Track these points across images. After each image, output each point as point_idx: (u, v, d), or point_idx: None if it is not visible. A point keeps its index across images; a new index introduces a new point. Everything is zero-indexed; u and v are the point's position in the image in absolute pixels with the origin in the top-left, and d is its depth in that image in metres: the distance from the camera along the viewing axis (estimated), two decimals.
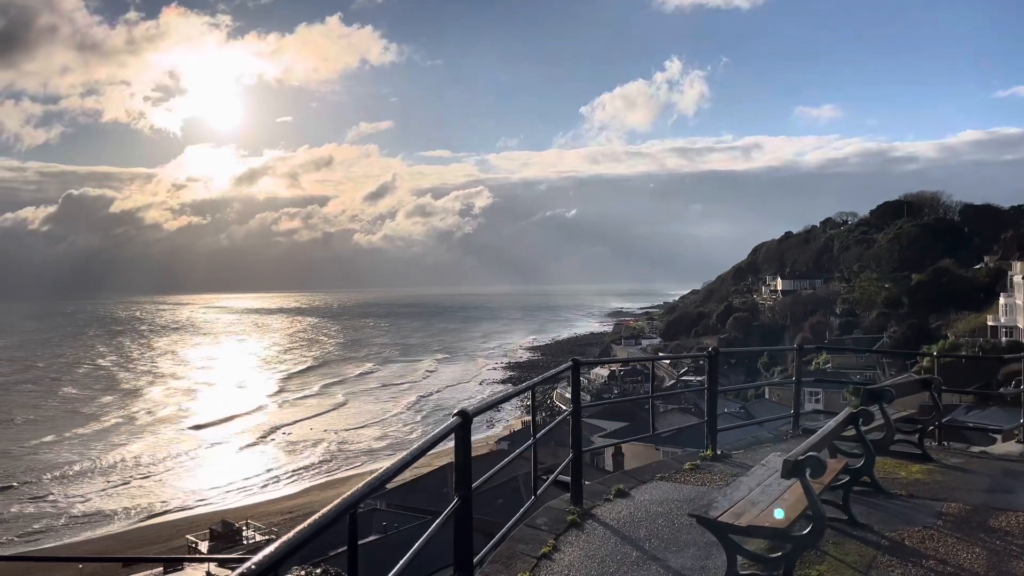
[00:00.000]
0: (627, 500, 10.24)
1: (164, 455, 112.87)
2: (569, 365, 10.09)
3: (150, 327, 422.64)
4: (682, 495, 10.51)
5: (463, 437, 5.87)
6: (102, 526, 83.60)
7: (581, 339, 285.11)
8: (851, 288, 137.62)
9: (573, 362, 10.12)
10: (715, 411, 12.28)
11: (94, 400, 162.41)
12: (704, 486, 10.88)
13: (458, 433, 5.75)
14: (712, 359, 12.14)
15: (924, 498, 10.36)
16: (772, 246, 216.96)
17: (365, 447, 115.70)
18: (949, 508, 9.98)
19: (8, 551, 75.64)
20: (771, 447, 12.20)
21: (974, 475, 11.61)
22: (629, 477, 11.37)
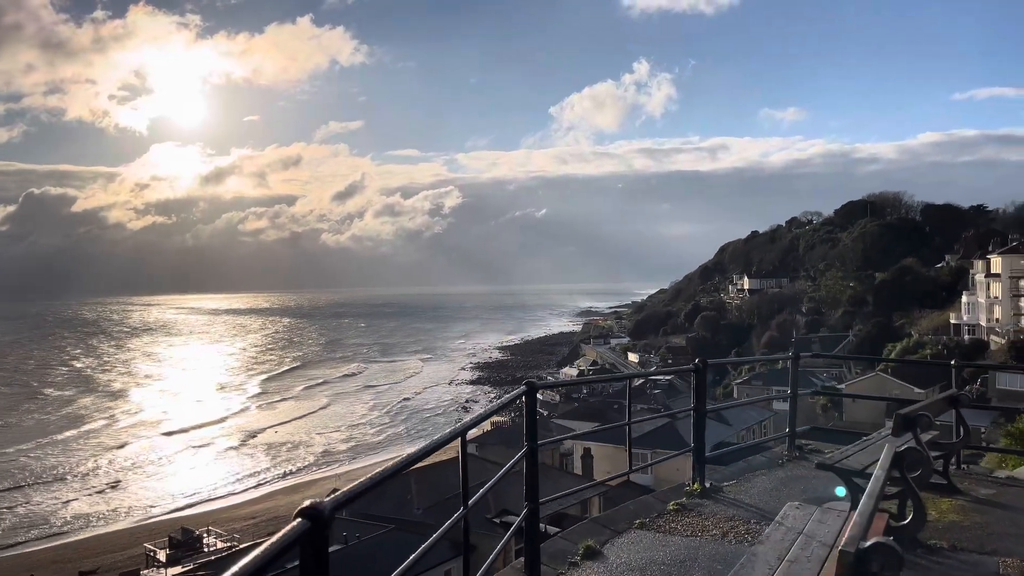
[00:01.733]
0: (599, 563, 7.87)
1: (127, 460, 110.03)
2: (522, 390, 7.55)
3: (116, 328, 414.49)
4: (669, 554, 8.14)
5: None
6: (59, 535, 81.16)
7: (551, 339, 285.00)
8: (817, 287, 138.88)
9: (527, 386, 7.48)
10: (703, 436, 9.81)
11: (60, 404, 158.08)
12: (696, 537, 8.60)
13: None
14: (699, 373, 9.82)
15: (971, 550, 8.23)
16: (738, 245, 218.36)
17: (332, 450, 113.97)
18: (1009, 567, 7.99)
19: None
20: (766, 474, 10.40)
21: (1017, 512, 9.51)
22: (601, 527, 9.00)
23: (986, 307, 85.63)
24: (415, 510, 33.06)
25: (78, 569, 67.15)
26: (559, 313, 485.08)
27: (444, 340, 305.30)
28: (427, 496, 34.05)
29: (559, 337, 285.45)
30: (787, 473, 10.33)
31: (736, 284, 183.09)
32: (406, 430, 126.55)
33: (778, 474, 10.52)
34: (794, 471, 10.52)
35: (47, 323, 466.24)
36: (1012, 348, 67.96)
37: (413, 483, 34.93)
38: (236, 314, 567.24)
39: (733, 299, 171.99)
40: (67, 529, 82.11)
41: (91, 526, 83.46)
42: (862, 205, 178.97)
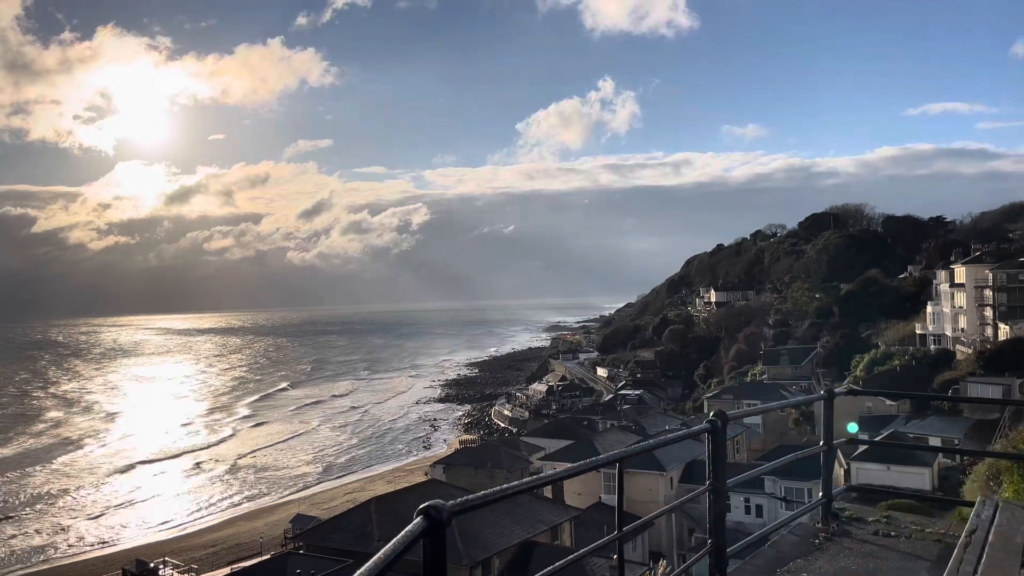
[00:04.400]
0: None
1: (80, 489, 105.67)
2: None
3: (75, 351, 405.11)
4: None
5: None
6: (6, 569, 77.34)
7: (519, 354, 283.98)
8: (783, 299, 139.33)
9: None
10: (723, 527, 6.37)
11: (12, 430, 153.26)
12: None
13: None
14: (716, 434, 6.08)
15: None
16: (704, 259, 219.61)
17: (294, 473, 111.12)
18: None
19: None
20: (804, 563, 7.19)
21: None
22: None
23: (951, 317, 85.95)
24: (375, 541, 31.18)
25: None
26: (527, 328, 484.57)
27: (412, 357, 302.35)
28: (388, 527, 32.20)
29: (528, 352, 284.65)
30: (833, 562, 7.14)
31: (703, 297, 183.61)
32: (368, 452, 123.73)
33: (820, 563, 7.16)
34: (841, 558, 7.24)
35: (16, 346, 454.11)
36: (979, 358, 67.96)
37: (374, 512, 33.08)
38: (210, 334, 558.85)
39: (700, 312, 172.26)
40: (14, 564, 78.44)
41: (41, 560, 79.85)
42: (825, 217, 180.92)
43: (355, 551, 31.00)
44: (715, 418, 6.11)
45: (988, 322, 78.54)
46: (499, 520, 33.08)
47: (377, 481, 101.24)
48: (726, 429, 6.12)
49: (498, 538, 31.91)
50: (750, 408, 7.17)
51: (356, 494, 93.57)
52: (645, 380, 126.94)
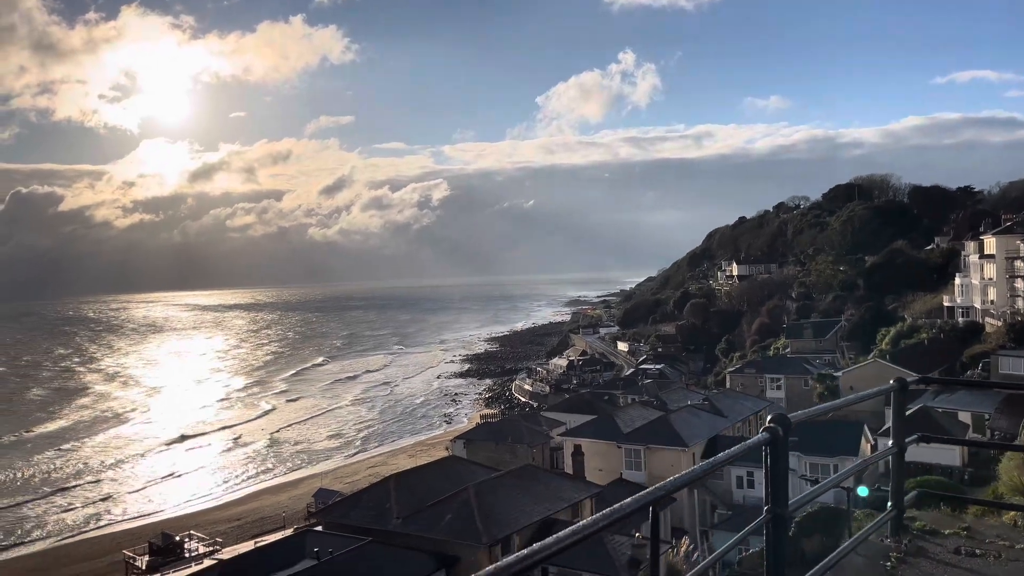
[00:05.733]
0: None
1: (111, 462, 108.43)
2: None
3: (108, 327, 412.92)
4: None
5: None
6: (37, 541, 78.77)
7: (540, 329, 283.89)
8: (806, 271, 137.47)
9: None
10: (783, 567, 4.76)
11: (57, 404, 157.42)
12: None
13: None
14: (777, 439, 4.62)
15: None
16: (726, 232, 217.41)
17: (318, 448, 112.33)
18: None
19: None
20: None
21: None
22: None
23: (980, 289, 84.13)
24: (394, 519, 31.02)
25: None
26: (548, 303, 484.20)
27: (437, 332, 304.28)
28: (407, 504, 31.99)
29: (548, 327, 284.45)
30: None
31: (725, 270, 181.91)
32: (392, 427, 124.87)
33: None
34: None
35: (49, 322, 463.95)
36: (1010, 330, 66.47)
37: (392, 489, 32.88)
38: (238, 310, 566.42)
39: (722, 286, 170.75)
40: (45, 536, 79.86)
41: (70, 532, 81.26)
42: (849, 188, 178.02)
43: (373, 528, 30.86)
44: (775, 425, 4.44)
45: (1019, 294, 76.77)
46: (518, 497, 32.77)
47: (399, 455, 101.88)
48: (788, 439, 4.52)
49: (518, 515, 31.59)
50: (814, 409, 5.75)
51: (378, 468, 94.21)
52: (666, 354, 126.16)
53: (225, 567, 29.10)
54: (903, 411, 6.66)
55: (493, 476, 35.55)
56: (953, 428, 44.91)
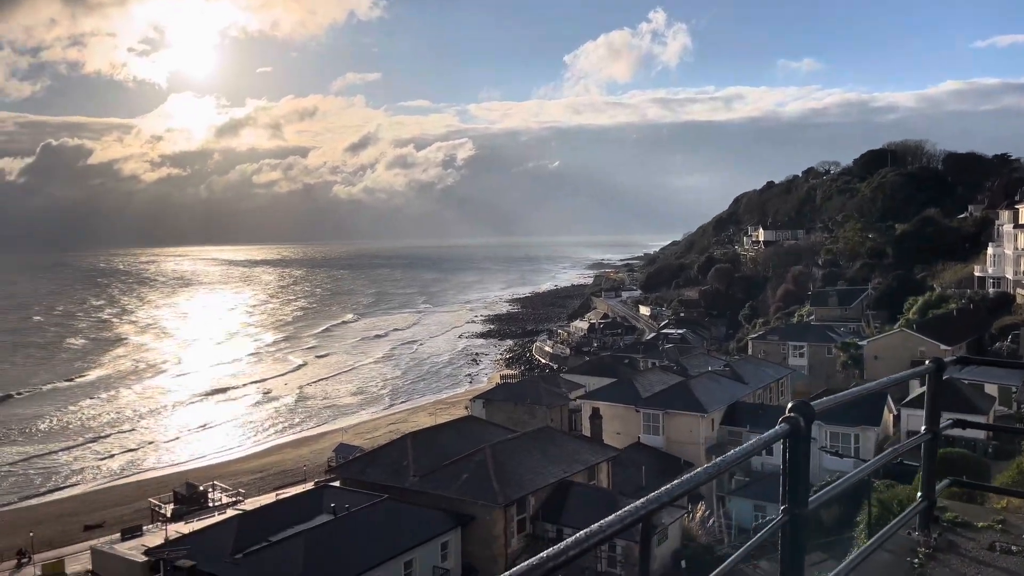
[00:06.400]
0: None
1: (143, 412, 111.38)
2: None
3: (140, 280, 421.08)
4: None
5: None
6: (66, 488, 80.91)
7: (562, 291, 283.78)
8: (834, 238, 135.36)
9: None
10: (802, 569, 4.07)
11: (85, 354, 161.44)
12: None
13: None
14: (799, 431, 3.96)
15: None
16: (753, 196, 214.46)
17: (341, 403, 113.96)
18: None
19: None
20: None
21: None
22: None
23: (1013, 259, 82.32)
24: (410, 477, 31.28)
25: (83, 523, 66.73)
26: (570, 265, 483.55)
27: (461, 292, 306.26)
28: (424, 463, 32.22)
29: (570, 290, 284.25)
30: None
31: (751, 236, 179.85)
32: (413, 384, 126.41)
33: None
34: None
35: (81, 274, 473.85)
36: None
37: (410, 447, 33.10)
38: (266, 265, 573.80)
39: (748, 251, 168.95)
40: (77, 482, 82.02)
41: (101, 479, 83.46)
42: (882, 154, 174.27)
43: (390, 486, 31.14)
44: (795, 414, 3.77)
45: None
46: (535, 459, 32.86)
47: (420, 413, 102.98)
48: (811, 429, 3.89)
49: (534, 477, 31.72)
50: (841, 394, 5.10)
51: (399, 425, 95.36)
52: (688, 319, 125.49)
53: (244, 518, 29.58)
54: (939, 394, 5.83)
55: (510, 437, 35.67)
56: (979, 401, 44.24)
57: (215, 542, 26.97)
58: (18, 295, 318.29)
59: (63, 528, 66.04)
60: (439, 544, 28.27)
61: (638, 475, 40.08)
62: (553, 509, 31.19)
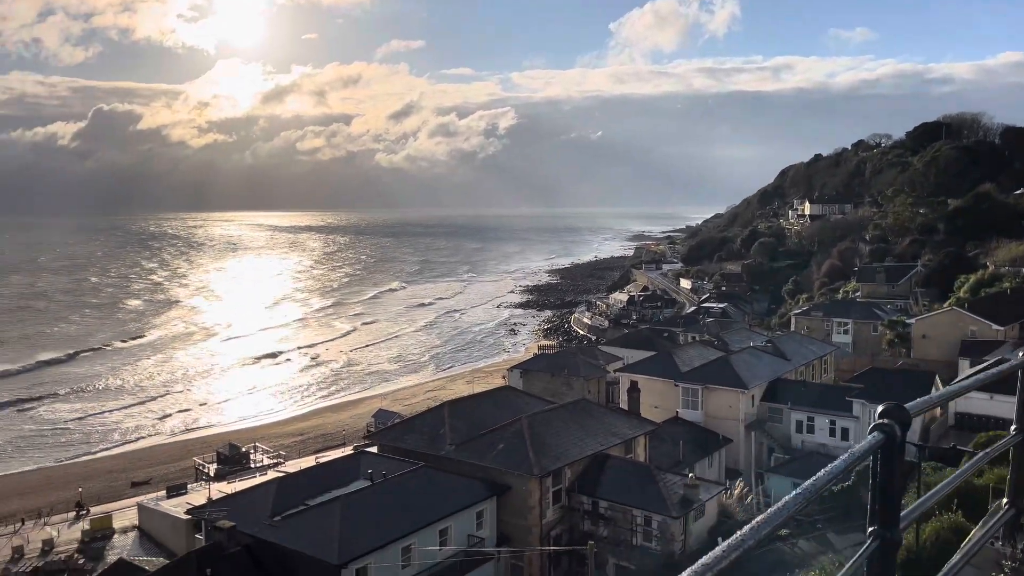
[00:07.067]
0: None
1: (190, 373, 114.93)
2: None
3: (190, 244, 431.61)
4: None
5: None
6: (115, 445, 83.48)
7: (601, 263, 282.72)
8: (883, 213, 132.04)
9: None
10: None
11: (141, 315, 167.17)
12: None
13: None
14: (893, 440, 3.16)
15: None
16: (800, 169, 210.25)
17: (382, 369, 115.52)
18: None
19: (32, 464, 76.47)
20: None
21: None
22: None
23: None
24: (447, 445, 31.43)
25: (131, 479, 68.81)
26: (611, 237, 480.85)
27: (503, 262, 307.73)
28: (460, 431, 32.34)
29: (610, 261, 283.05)
30: None
31: (797, 210, 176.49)
32: (452, 352, 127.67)
33: None
34: None
35: (133, 237, 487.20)
36: None
37: (447, 416, 33.24)
38: (311, 231, 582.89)
39: (793, 225, 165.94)
40: (123, 440, 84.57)
41: (146, 438, 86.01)
42: (936, 127, 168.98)
43: (426, 453, 31.35)
44: (890, 422, 3.10)
45: None
46: (571, 431, 32.76)
47: (458, 380, 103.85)
48: (905, 438, 3.21)
49: (570, 448, 31.64)
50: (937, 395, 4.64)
51: (436, 392, 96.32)
52: (730, 293, 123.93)
53: (284, 481, 30.09)
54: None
55: (547, 408, 35.59)
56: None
57: (254, 504, 27.47)
58: (74, 256, 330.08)
59: (111, 484, 68.17)
60: (474, 513, 28.45)
61: (676, 450, 39.79)
62: (589, 482, 31.13)
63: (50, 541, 48.74)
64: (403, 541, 25.65)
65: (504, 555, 29.28)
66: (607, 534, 30.23)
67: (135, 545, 48.19)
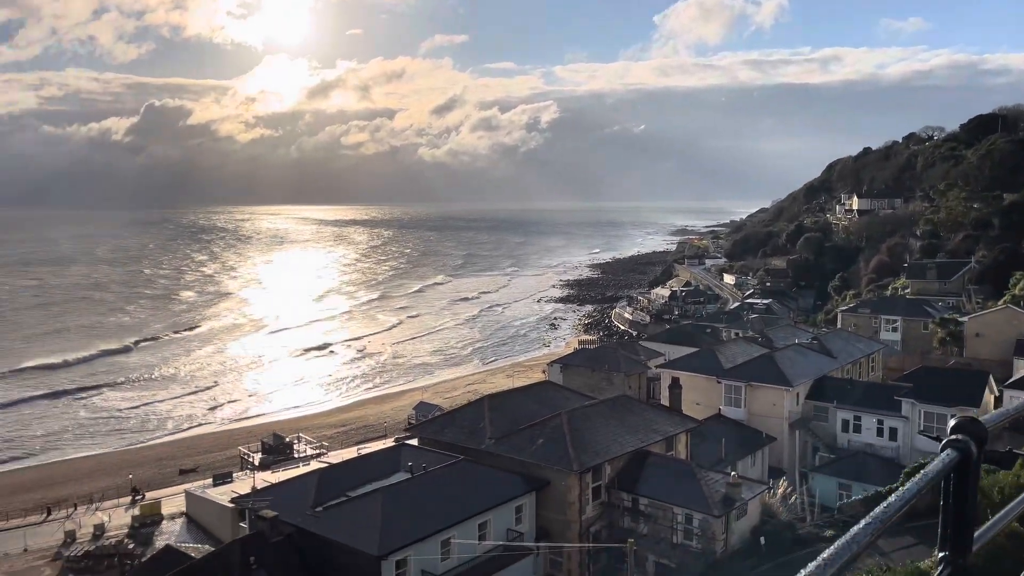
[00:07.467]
0: None
1: (239, 364, 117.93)
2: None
3: (240, 237, 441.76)
4: None
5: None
6: (166, 434, 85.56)
7: (643, 258, 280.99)
8: (935, 208, 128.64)
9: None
10: None
11: (202, 309, 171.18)
12: None
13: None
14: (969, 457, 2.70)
15: None
16: (848, 163, 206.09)
17: (424, 362, 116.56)
18: None
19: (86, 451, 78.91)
20: None
21: None
22: None
23: None
24: (486, 439, 31.49)
25: (179, 467, 70.50)
26: (653, 231, 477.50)
27: (546, 256, 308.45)
28: (500, 426, 32.38)
29: (652, 256, 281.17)
30: None
31: (844, 204, 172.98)
32: (493, 346, 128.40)
33: None
34: None
35: (184, 230, 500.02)
36: None
37: (487, 410, 33.30)
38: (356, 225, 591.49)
39: (840, 220, 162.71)
40: (176, 428, 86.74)
41: (195, 426, 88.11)
42: (992, 119, 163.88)
43: (466, 447, 31.45)
44: (963, 436, 2.75)
45: None
46: (612, 427, 32.55)
47: (498, 374, 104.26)
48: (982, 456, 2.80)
49: (611, 445, 31.46)
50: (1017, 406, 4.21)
51: (477, 386, 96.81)
52: (775, 289, 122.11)
53: (325, 472, 30.48)
54: None
55: (587, 404, 35.43)
56: None
57: (297, 494, 27.88)
58: (128, 249, 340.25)
59: (160, 471, 69.93)
60: (514, 507, 28.46)
61: (717, 448, 39.32)
62: (629, 478, 30.93)
63: (101, 526, 50.20)
64: (443, 534, 25.79)
65: (543, 550, 29.25)
66: (647, 531, 30.02)
67: (182, 531, 49.41)
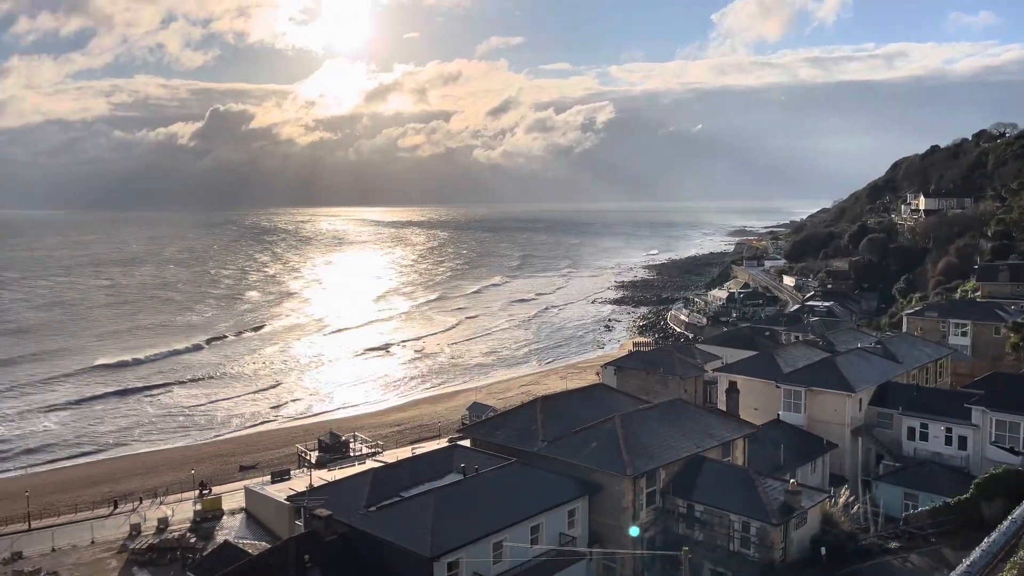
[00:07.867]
0: None
1: (300, 363, 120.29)
2: None
3: (302, 238, 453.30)
4: None
5: None
6: (235, 430, 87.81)
7: (700, 259, 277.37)
8: (1008, 207, 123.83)
9: None
10: None
11: (266, 309, 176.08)
12: None
13: None
14: None
15: None
16: (914, 162, 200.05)
17: (479, 363, 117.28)
18: None
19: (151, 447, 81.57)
20: None
21: None
22: None
23: None
24: (539, 441, 31.29)
25: (239, 464, 72.13)
26: (711, 232, 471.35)
27: (602, 257, 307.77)
28: (552, 428, 32.14)
29: (709, 257, 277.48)
30: None
31: (910, 204, 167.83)
32: (547, 347, 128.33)
33: None
34: None
35: (247, 231, 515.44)
36: None
37: (540, 412, 33.11)
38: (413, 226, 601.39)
39: (906, 220, 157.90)
40: (241, 426, 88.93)
41: (256, 424, 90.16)
42: None
43: (519, 449, 31.31)
44: None
45: None
46: (667, 431, 32.04)
47: (551, 376, 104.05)
48: None
49: (665, 450, 30.95)
50: None
51: (530, 387, 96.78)
52: (836, 291, 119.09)
53: (379, 472, 30.70)
54: None
55: (642, 407, 34.93)
56: None
57: (351, 493, 28.13)
58: (195, 250, 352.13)
59: (222, 467, 71.68)
60: (566, 511, 28.20)
61: (776, 454, 38.33)
62: (684, 484, 30.38)
63: (165, 520, 51.58)
64: (495, 536, 25.69)
65: (596, 556, 28.93)
66: (702, 538, 29.43)
67: (242, 527, 50.45)
